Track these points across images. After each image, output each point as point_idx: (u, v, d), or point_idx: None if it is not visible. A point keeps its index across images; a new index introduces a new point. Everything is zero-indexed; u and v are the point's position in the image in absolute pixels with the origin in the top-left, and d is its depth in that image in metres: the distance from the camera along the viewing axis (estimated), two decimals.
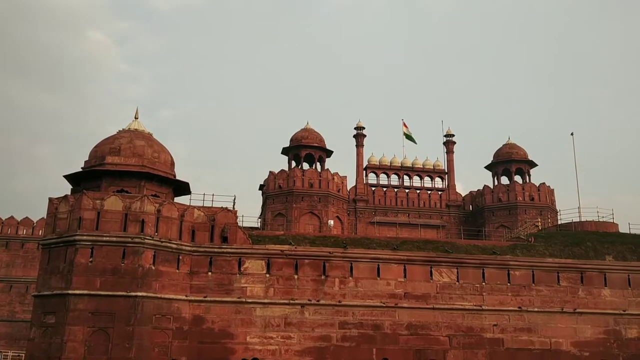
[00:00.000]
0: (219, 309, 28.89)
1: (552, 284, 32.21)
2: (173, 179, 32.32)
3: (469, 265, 31.81)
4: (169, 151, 33.24)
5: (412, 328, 30.26)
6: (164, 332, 27.49)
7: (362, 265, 30.86)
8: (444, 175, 58.80)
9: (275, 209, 50.96)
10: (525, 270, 32.24)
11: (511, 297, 31.61)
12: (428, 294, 30.96)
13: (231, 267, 29.70)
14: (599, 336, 31.72)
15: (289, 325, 29.27)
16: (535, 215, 51.60)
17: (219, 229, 30.17)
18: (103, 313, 26.53)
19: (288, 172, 51.88)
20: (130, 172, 30.52)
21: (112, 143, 31.69)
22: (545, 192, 54.14)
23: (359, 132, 57.68)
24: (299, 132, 54.90)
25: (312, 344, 29.18)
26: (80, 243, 27.18)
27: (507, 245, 34.26)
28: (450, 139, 59.46)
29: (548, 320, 31.47)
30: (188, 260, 29.23)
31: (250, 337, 28.77)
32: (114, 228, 27.76)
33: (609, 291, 32.63)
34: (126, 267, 27.27)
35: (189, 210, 30.08)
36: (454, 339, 30.46)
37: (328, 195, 50.56)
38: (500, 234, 47.77)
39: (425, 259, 31.52)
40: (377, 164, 58.47)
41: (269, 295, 29.57)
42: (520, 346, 30.84)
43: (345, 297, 30.15)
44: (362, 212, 54.86)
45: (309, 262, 30.46)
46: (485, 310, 31.08)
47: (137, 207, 28.21)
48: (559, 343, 31.23)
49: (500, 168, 56.51)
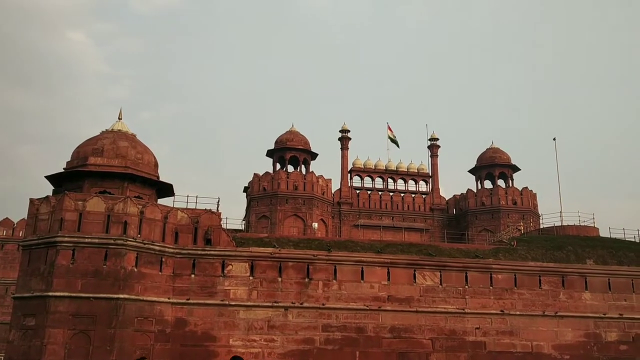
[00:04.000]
0: (202, 312, 28.73)
1: (534, 288, 32.49)
2: (156, 180, 32.08)
3: (452, 268, 31.97)
4: (152, 152, 33.00)
5: (396, 331, 30.33)
6: (146, 335, 27.24)
7: (346, 268, 30.87)
8: (428, 178, 59.05)
9: (259, 212, 50.78)
10: (508, 273, 32.48)
11: (493, 301, 31.82)
12: (411, 297, 31.06)
13: (214, 270, 29.54)
14: (579, 339, 32.05)
15: (272, 328, 29.18)
16: (518, 219, 52.04)
17: (202, 231, 30.00)
18: (84, 315, 26.23)
19: (272, 175, 51.76)
20: (113, 173, 30.25)
21: (95, 144, 31.38)
22: (528, 196, 54.61)
23: (344, 135, 57.74)
24: (283, 134, 54.82)
25: (296, 347, 29.12)
26: (62, 244, 26.88)
27: (490, 249, 34.50)
28: (434, 142, 59.74)
29: (530, 324, 31.73)
30: (171, 262, 29.02)
31: (233, 339, 28.63)
32: (96, 229, 27.48)
33: (590, 295, 33.00)
34: (108, 269, 27.00)
35: (173, 211, 29.88)
36: (437, 342, 30.57)
37: (312, 198, 50.52)
38: (483, 237, 48.11)
39: (408, 262, 31.63)
40: (362, 167, 58.56)
41: (253, 298, 29.46)
42: (502, 349, 31.04)
43: (328, 300, 30.14)
44: (347, 215, 54.88)
45: (293, 265, 30.41)
46: (468, 314, 31.25)
47: (119, 209, 27.97)
48: (540, 346, 31.50)
49: (484, 172, 56.90)
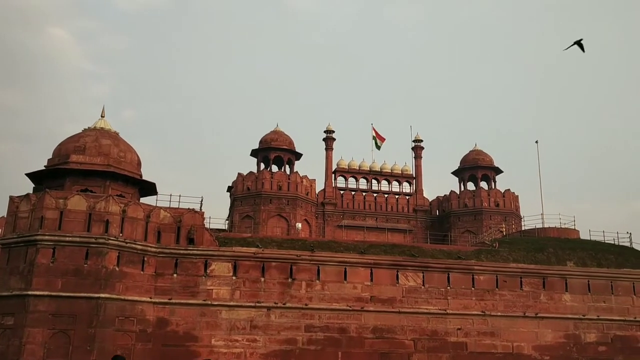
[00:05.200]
0: (184, 312, 28.57)
1: (515, 289, 32.79)
2: (139, 179, 31.87)
3: (434, 269, 32.15)
4: (135, 151, 32.76)
5: (378, 331, 30.42)
6: (127, 335, 27.03)
7: (329, 268, 30.90)
8: (412, 180, 59.27)
9: (243, 211, 50.57)
10: (489, 275, 32.74)
11: (475, 302, 32.06)
12: (394, 298, 31.18)
13: (197, 269, 29.40)
14: (559, 340, 32.42)
15: (255, 328, 29.11)
16: (500, 221, 52.43)
17: (185, 230, 29.83)
18: (64, 315, 25.96)
19: (257, 175, 51.59)
20: (95, 171, 30.00)
21: (77, 141, 31.09)
22: (510, 198, 55.06)
23: (329, 135, 57.74)
24: (268, 134, 54.69)
25: (278, 347, 29.08)
26: (42, 243, 26.58)
27: (472, 250, 34.77)
28: (418, 144, 59.96)
29: (510, 325, 32.02)
30: (153, 261, 28.82)
31: (215, 340, 28.52)
32: (77, 228, 27.21)
33: (570, 296, 33.40)
34: (89, 268, 26.75)
35: (155, 211, 29.67)
36: (419, 342, 30.73)
37: (296, 198, 50.44)
38: (466, 239, 48.38)
39: (391, 263, 31.75)
40: (346, 168, 58.59)
41: (235, 298, 29.37)
42: (483, 350, 31.29)
43: (311, 300, 30.14)
44: (330, 215, 54.88)
45: (276, 265, 30.37)
46: (450, 315, 31.45)
47: (101, 207, 27.72)
48: (520, 347, 31.80)
49: (467, 174, 57.24)
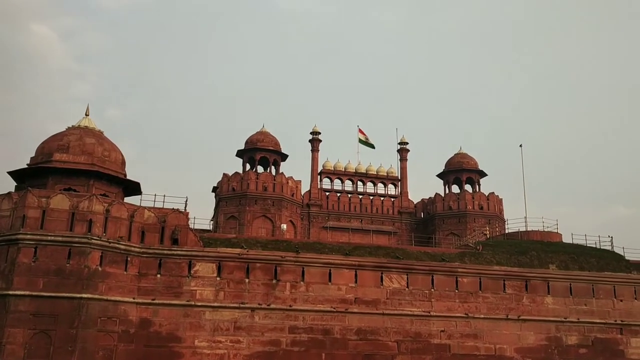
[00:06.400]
0: (167, 312, 28.41)
1: (498, 292, 33.05)
2: (123, 178, 31.66)
3: (418, 271, 32.29)
4: (120, 150, 32.55)
5: (362, 333, 30.48)
6: (109, 335, 26.80)
7: (314, 270, 30.91)
8: (397, 182, 59.46)
9: (228, 212, 50.39)
10: (473, 277, 32.96)
11: (459, 304, 32.25)
12: (378, 300, 31.26)
13: (181, 270, 29.25)
14: (541, 343, 32.72)
15: (239, 329, 29.03)
16: (484, 224, 52.77)
17: (169, 230, 29.67)
18: (45, 315, 25.67)
19: (242, 175, 51.44)
20: (78, 170, 29.76)
21: (61, 140, 30.82)
22: (494, 201, 55.46)
23: (315, 137, 57.76)
24: (254, 134, 54.56)
25: (262, 349, 29.02)
26: (23, 242, 26.27)
27: (456, 253, 34.98)
28: (404, 146, 60.17)
29: (493, 327, 32.25)
30: (137, 261, 28.62)
31: (198, 340, 28.38)
32: (59, 227, 26.95)
33: (552, 299, 33.73)
34: (71, 268, 26.49)
35: (139, 210, 29.48)
36: (402, 344, 30.84)
37: (282, 199, 50.38)
38: (450, 241, 48.65)
39: (376, 265, 31.83)
40: (332, 169, 58.62)
41: (219, 299, 29.26)
42: (466, 352, 31.49)
43: (296, 302, 30.12)
44: (316, 216, 54.89)
45: (261, 266, 30.31)
46: (433, 316, 31.61)
47: (84, 207, 27.48)
48: (503, 349, 32.05)
49: (452, 177, 57.57)
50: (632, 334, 34.43)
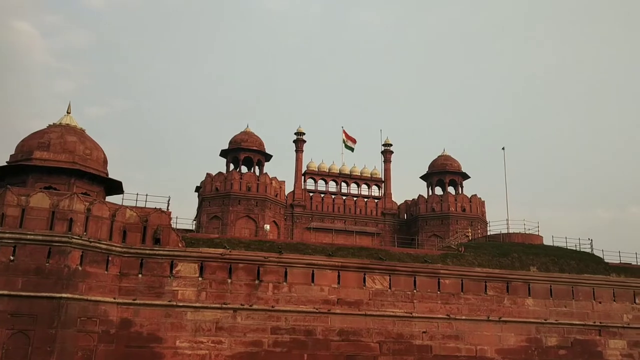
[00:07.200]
0: (148, 313, 28.18)
1: (479, 293, 33.29)
2: (105, 177, 31.37)
3: (401, 273, 32.41)
4: (102, 148, 32.24)
5: (344, 334, 30.51)
6: (89, 336, 26.52)
7: (297, 270, 30.88)
8: (381, 183, 59.63)
9: (211, 212, 50.15)
10: (455, 279, 33.16)
11: (440, 305, 32.42)
12: (361, 301, 31.31)
13: (163, 270, 29.05)
14: (521, 344, 33.02)
15: (220, 329, 28.89)
16: (466, 226, 53.14)
17: (151, 230, 29.45)
18: (24, 315, 25.32)
19: (226, 175, 51.23)
20: (59, 168, 29.43)
21: (42, 137, 30.47)
22: (477, 203, 55.85)
23: (299, 137, 57.72)
24: (238, 134, 54.37)
25: (244, 349, 28.91)
26: (2, 241, 25.90)
27: (439, 255, 35.14)
28: (388, 148, 60.37)
29: (474, 328, 32.47)
30: (118, 261, 28.37)
31: (179, 341, 28.21)
32: (39, 226, 26.61)
33: (532, 300, 34.05)
34: (51, 268, 26.16)
35: (121, 210, 29.21)
36: (384, 345, 30.93)
37: (265, 200, 50.27)
38: (433, 243, 48.86)
39: (359, 266, 31.88)
40: (316, 170, 58.63)
41: (201, 299, 29.11)
42: (447, 353, 31.66)
43: (278, 303, 30.07)
44: (299, 217, 54.84)
45: (244, 267, 30.21)
46: (416, 318, 31.74)
47: (65, 205, 27.16)
48: (484, 350, 32.28)
49: (435, 179, 57.87)
50: (610, 335, 34.90)
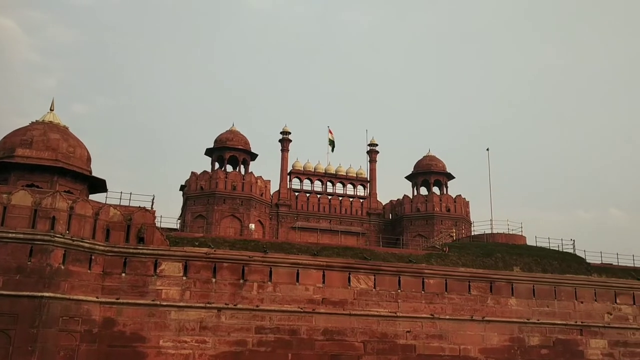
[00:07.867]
0: (132, 312, 27.98)
1: (463, 293, 33.50)
2: (88, 175, 31.13)
3: (386, 272, 32.51)
4: (85, 146, 31.97)
5: (328, 333, 30.54)
6: (71, 335, 26.27)
7: (282, 270, 30.84)
8: (366, 183, 59.79)
9: (195, 211, 49.94)
10: (439, 278, 33.34)
11: (425, 305, 32.58)
12: (345, 300, 31.36)
13: (146, 269, 28.86)
14: (504, 343, 33.28)
15: (204, 329, 28.77)
16: (451, 226, 53.46)
17: (135, 229, 29.24)
18: (5, 314, 25.00)
19: (211, 174, 51.03)
20: (42, 166, 29.17)
21: (24, 135, 30.15)
22: (461, 203, 56.21)
23: (285, 136, 57.66)
24: (223, 133, 54.18)
25: (228, 349, 28.82)
26: None
27: (423, 254, 35.31)
28: (373, 148, 60.52)
29: (458, 328, 32.67)
30: (101, 260, 28.12)
31: (163, 340, 28.04)
32: (21, 224, 26.28)
33: (515, 300, 34.34)
34: (33, 266, 25.86)
35: (105, 208, 28.97)
36: (369, 344, 31.00)
37: (250, 199, 50.17)
38: (417, 243, 49.10)
39: (344, 266, 31.93)
40: (302, 170, 58.63)
41: (185, 299, 28.96)
42: (431, 352, 31.82)
43: (263, 302, 30.01)
44: (285, 217, 54.80)
45: (228, 266, 30.11)
46: (400, 317, 31.86)
47: (47, 203, 26.87)
48: (467, 349, 32.49)
49: (420, 179, 58.13)
50: (592, 334, 35.31)
